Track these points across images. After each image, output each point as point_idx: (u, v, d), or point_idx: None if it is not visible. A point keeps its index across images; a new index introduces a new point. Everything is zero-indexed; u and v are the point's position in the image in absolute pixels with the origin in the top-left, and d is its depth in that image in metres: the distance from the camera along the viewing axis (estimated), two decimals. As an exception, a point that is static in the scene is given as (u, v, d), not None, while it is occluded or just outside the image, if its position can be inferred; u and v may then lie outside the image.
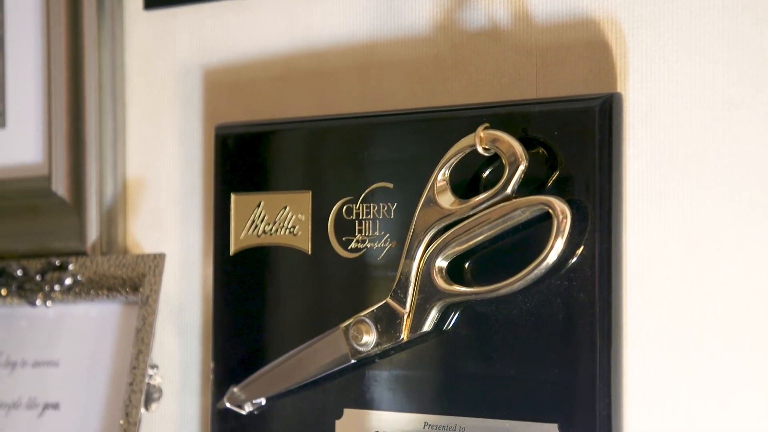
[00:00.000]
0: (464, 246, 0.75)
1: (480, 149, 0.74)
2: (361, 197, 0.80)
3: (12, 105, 0.98)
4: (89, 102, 0.93)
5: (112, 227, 0.95)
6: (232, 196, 0.86)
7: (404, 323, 0.77)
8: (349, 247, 0.81)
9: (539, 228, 0.73)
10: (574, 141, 0.73)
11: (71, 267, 0.93)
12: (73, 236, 0.94)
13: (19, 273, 0.95)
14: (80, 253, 0.94)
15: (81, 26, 0.94)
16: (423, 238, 0.76)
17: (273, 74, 0.89)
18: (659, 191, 0.74)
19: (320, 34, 0.87)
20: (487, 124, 0.74)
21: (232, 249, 0.86)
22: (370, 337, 0.78)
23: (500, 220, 0.74)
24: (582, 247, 0.72)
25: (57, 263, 0.94)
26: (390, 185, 0.79)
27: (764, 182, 0.71)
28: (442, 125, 0.78)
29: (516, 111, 0.75)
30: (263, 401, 0.84)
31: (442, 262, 0.76)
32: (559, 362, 0.73)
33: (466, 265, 0.76)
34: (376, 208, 0.80)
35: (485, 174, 0.76)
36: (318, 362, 0.81)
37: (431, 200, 0.76)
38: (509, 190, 0.73)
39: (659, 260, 0.74)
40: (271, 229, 0.84)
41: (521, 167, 0.73)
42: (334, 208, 0.81)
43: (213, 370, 0.87)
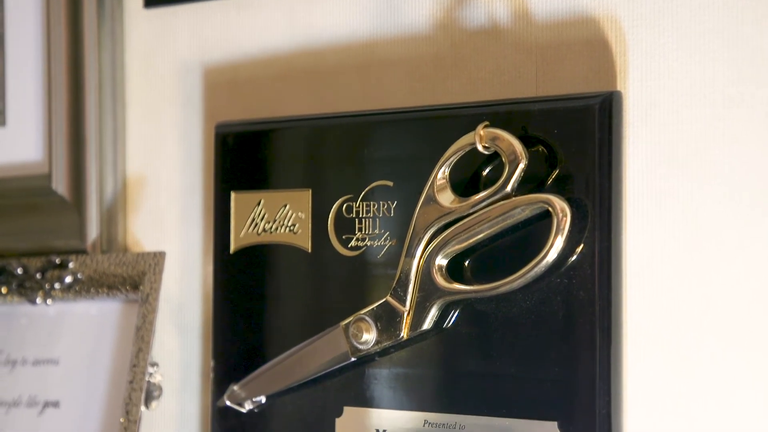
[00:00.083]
0: (464, 244, 0.75)
1: (480, 147, 0.74)
2: (361, 195, 0.80)
3: (12, 103, 0.98)
4: (89, 100, 0.93)
5: (113, 225, 0.95)
6: (232, 195, 0.86)
7: (404, 321, 0.77)
8: (349, 245, 0.81)
9: (539, 226, 0.73)
10: (574, 139, 0.73)
11: (71, 265, 0.93)
12: (74, 234, 0.94)
13: (20, 271, 0.95)
14: (80, 252, 0.94)
15: (81, 24, 0.94)
16: (423, 236, 0.76)
17: (273, 73, 0.89)
18: (659, 190, 0.74)
19: (320, 33, 0.87)
20: (487, 123, 0.74)
21: (232, 247, 0.86)
22: (370, 335, 0.78)
23: (500, 218, 0.74)
24: (582, 246, 0.72)
25: (57, 261, 0.94)
26: (390, 183, 0.79)
27: (764, 181, 0.71)
28: (442, 123, 0.78)
29: (516, 109, 0.75)
30: (263, 399, 0.84)
31: (442, 260, 0.76)
32: (559, 360, 0.73)
33: (466, 263, 0.76)
34: (376, 206, 0.80)
35: (485, 172, 0.76)
36: (318, 360, 0.81)
37: (431, 198, 0.76)
38: (509, 188, 0.73)
39: (659, 259, 0.74)
40: (271, 228, 0.84)
41: (521, 165, 0.73)
42: (334, 207, 0.81)
43: (213, 368, 0.87)
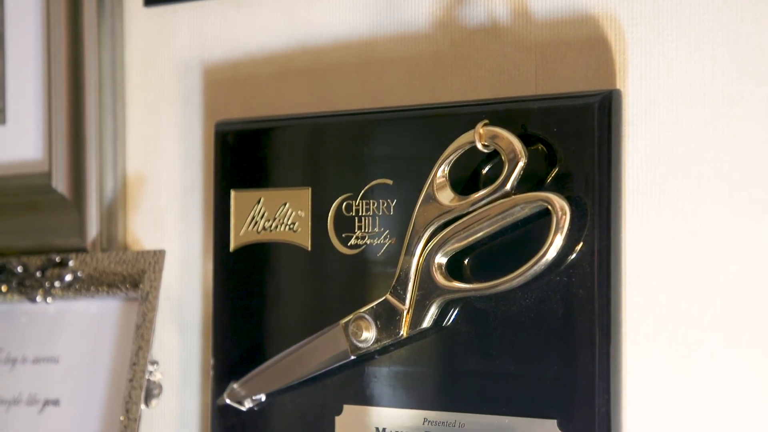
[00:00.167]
0: (464, 242, 0.75)
1: (479, 146, 0.74)
2: (361, 193, 0.80)
3: (12, 102, 0.98)
4: (89, 99, 0.93)
5: (113, 224, 0.95)
6: (232, 193, 0.86)
7: (404, 319, 0.77)
8: (349, 244, 0.81)
9: (538, 224, 0.73)
10: (574, 137, 0.73)
11: (71, 263, 0.93)
12: (74, 233, 0.94)
13: (20, 269, 0.95)
14: (80, 250, 0.94)
15: (81, 23, 0.94)
16: (422, 235, 0.76)
17: (273, 71, 0.89)
18: (658, 188, 0.74)
19: (320, 31, 0.87)
20: (487, 121, 0.74)
21: (232, 245, 0.86)
22: (370, 334, 0.78)
23: (499, 217, 0.74)
24: (581, 244, 0.72)
25: (57, 260, 0.94)
26: (390, 182, 0.79)
27: (763, 179, 0.71)
28: (442, 122, 0.78)
29: (515, 107, 0.75)
30: (263, 397, 0.84)
31: (442, 259, 0.76)
32: (559, 358, 0.73)
33: (466, 262, 0.76)
34: (376, 205, 0.80)
35: (485, 170, 0.76)
36: (318, 358, 0.81)
37: (431, 197, 0.76)
38: (508, 187, 0.73)
39: (658, 257, 0.74)
40: (271, 226, 0.84)
41: (520, 164, 0.73)
42: (334, 205, 0.81)
43: (213, 367, 0.87)
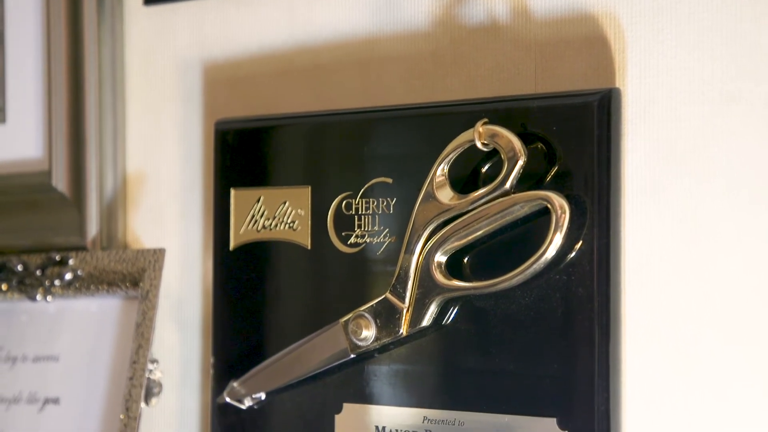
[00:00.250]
0: (463, 241, 0.75)
1: (479, 144, 0.74)
2: (361, 192, 0.80)
3: (12, 100, 0.98)
4: (89, 97, 0.93)
5: (112, 222, 0.95)
6: (232, 191, 0.86)
7: (403, 318, 0.77)
8: (349, 242, 0.81)
9: (538, 223, 0.73)
10: (573, 136, 0.73)
11: (71, 262, 0.93)
12: (74, 231, 0.94)
13: (20, 268, 0.95)
14: (80, 248, 0.94)
15: (81, 22, 0.94)
16: (422, 233, 0.76)
17: (273, 69, 0.89)
18: (658, 186, 0.74)
19: (320, 30, 0.87)
20: (486, 120, 0.74)
21: (232, 244, 0.86)
22: (370, 332, 0.78)
23: (499, 215, 0.74)
24: (581, 242, 0.72)
25: (57, 258, 0.94)
26: (389, 180, 0.79)
27: (762, 177, 0.71)
28: (441, 120, 0.78)
29: (515, 106, 0.75)
30: (263, 396, 0.84)
31: (441, 257, 0.76)
32: (558, 357, 0.73)
33: (465, 260, 0.76)
34: (376, 203, 0.80)
35: (484, 169, 0.76)
36: (317, 357, 0.81)
37: (430, 195, 0.76)
38: (508, 185, 0.73)
39: (658, 255, 0.74)
40: (271, 224, 0.84)
41: (520, 162, 0.73)
42: (334, 203, 0.81)
43: (213, 365, 0.87)
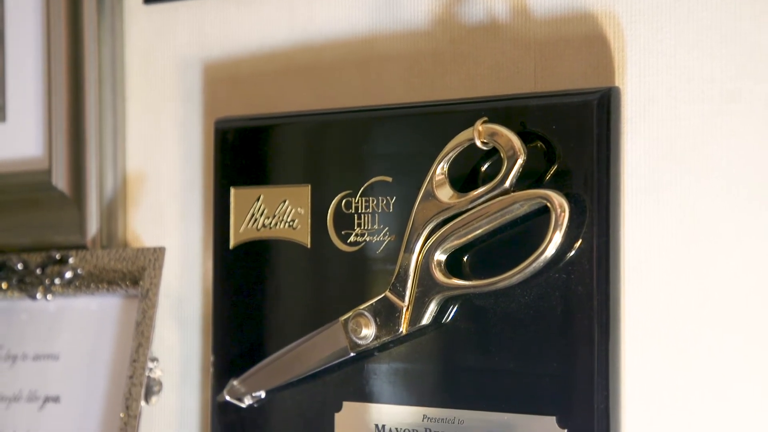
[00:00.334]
0: (463, 239, 0.75)
1: (478, 143, 0.75)
2: (360, 191, 0.80)
3: (12, 99, 0.99)
4: (89, 96, 0.94)
5: (113, 221, 0.95)
6: (232, 190, 0.86)
7: (403, 316, 0.77)
8: (348, 241, 0.81)
9: (537, 221, 0.73)
10: (573, 135, 0.73)
11: (71, 260, 0.93)
12: (74, 230, 0.95)
13: (20, 266, 0.95)
14: (80, 247, 0.94)
15: (81, 20, 0.94)
16: (422, 232, 0.76)
17: (273, 68, 0.89)
18: (657, 184, 0.74)
19: (319, 29, 0.87)
20: (486, 118, 0.74)
21: (232, 243, 0.86)
22: (369, 331, 0.78)
23: (498, 214, 0.74)
24: (580, 241, 0.72)
25: (57, 257, 0.94)
26: (389, 179, 0.79)
27: (762, 175, 0.71)
28: (441, 119, 0.78)
29: (514, 105, 0.75)
30: (263, 394, 0.84)
31: (441, 256, 0.76)
32: (558, 355, 0.73)
33: (465, 259, 0.76)
34: (375, 202, 0.80)
35: (484, 168, 0.76)
36: (317, 355, 0.81)
37: (430, 194, 0.76)
38: (507, 184, 0.73)
39: (657, 253, 0.74)
40: (271, 223, 0.84)
41: (519, 161, 0.73)
42: (334, 202, 0.81)
43: (213, 363, 0.87)
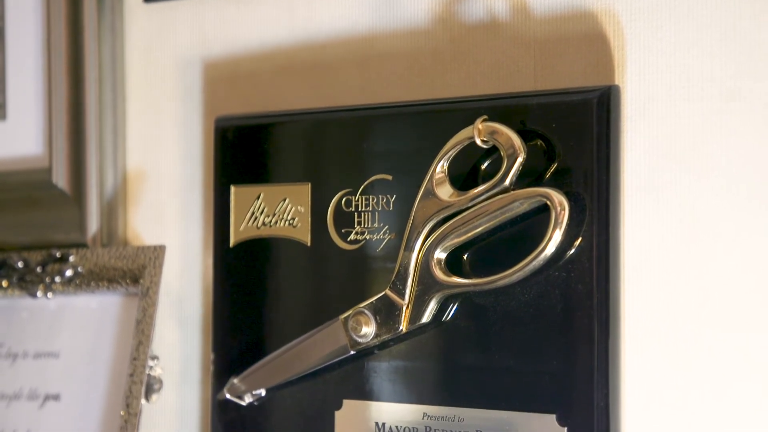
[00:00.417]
0: (463, 237, 0.75)
1: (478, 141, 0.75)
2: (360, 189, 0.80)
3: (12, 97, 0.99)
4: (89, 94, 0.94)
5: (113, 219, 0.95)
6: (232, 188, 0.86)
7: (403, 315, 0.77)
8: (349, 239, 0.81)
9: (537, 220, 0.73)
10: (573, 133, 0.73)
11: (72, 259, 0.93)
12: (74, 228, 0.95)
13: (20, 265, 0.95)
14: (81, 245, 0.94)
15: (81, 19, 0.94)
16: (422, 230, 0.76)
17: (273, 67, 0.89)
18: (657, 183, 0.74)
19: (320, 27, 0.87)
20: (486, 117, 0.74)
21: (232, 241, 0.86)
22: (369, 329, 0.78)
23: (498, 212, 0.74)
24: (580, 239, 0.72)
25: (58, 255, 0.94)
26: (389, 177, 0.79)
27: (762, 174, 0.71)
28: (441, 117, 0.78)
29: (514, 103, 0.75)
30: (263, 392, 0.84)
31: (441, 254, 0.76)
32: (558, 353, 0.73)
33: (465, 257, 0.76)
34: (375, 200, 0.80)
35: (484, 166, 0.76)
36: (317, 353, 0.81)
37: (430, 192, 0.76)
38: (507, 182, 0.73)
39: (657, 252, 0.74)
40: (271, 221, 0.84)
41: (519, 159, 0.73)
42: (334, 200, 0.81)
43: (213, 362, 0.87)
